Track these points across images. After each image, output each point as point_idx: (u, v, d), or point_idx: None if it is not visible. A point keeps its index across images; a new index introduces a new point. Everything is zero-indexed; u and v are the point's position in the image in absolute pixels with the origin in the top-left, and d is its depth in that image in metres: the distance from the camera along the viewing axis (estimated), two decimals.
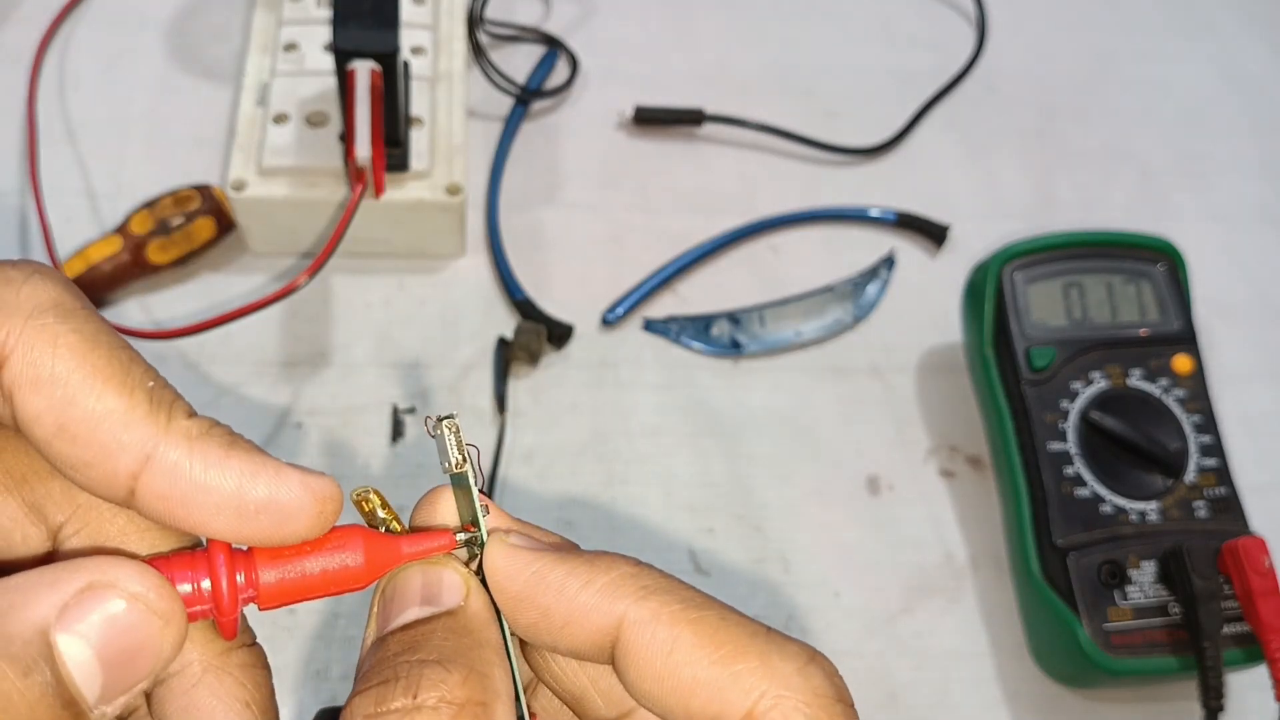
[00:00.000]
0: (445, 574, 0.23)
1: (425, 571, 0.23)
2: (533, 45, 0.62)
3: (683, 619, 0.21)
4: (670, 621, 0.21)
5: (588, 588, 0.22)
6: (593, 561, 0.22)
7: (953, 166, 0.60)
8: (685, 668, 0.21)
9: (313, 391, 0.50)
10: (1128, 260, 0.49)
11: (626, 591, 0.21)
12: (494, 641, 0.22)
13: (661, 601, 0.21)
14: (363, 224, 0.50)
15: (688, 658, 0.21)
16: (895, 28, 0.66)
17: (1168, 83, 0.65)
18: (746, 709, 0.20)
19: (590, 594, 0.22)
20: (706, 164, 0.59)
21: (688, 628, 0.21)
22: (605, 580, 0.22)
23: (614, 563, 0.22)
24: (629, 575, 0.22)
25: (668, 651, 0.21)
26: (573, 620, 0.22)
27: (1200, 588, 0.42)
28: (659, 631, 0.21)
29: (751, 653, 0.21)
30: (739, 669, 0.21)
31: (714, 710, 0.21)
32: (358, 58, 0.45)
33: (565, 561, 0.22)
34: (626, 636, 0.21)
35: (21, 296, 0.20)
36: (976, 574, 0.49)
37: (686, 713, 0.21)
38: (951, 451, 0.51)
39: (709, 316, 0.54)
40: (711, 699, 0.21)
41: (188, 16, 0.61)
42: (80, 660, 0.19)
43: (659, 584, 0.22)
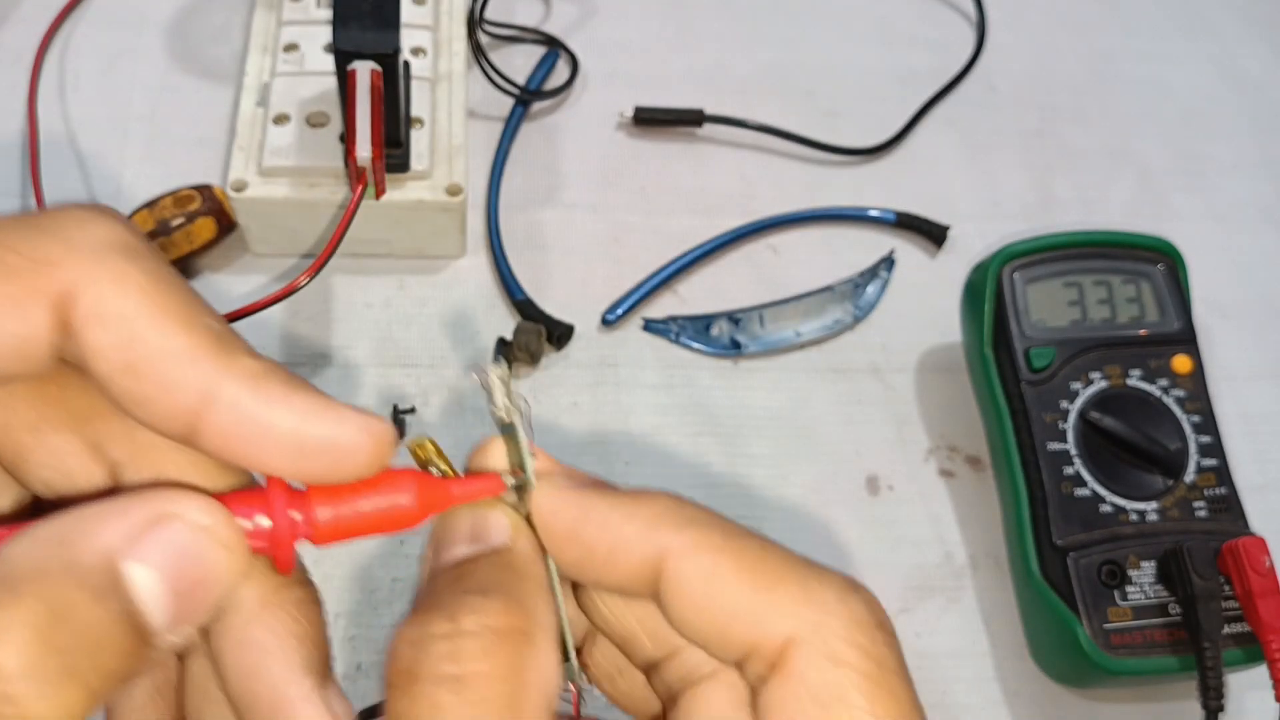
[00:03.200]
0: (493, 514, 0.23)
1: (474, 512, 0.23)
2: (533, 45, 0.62)
3: (724, 548, 0.21)
4: (711, 550, 0.21)
5: (630, 521, 0.22)
6: (635, 497, 0.23)
7: (952, 166, 0.60)
8: (725, 596, 0.21)
9: None
10: (1128, 260, 0.49)
11: (668, 523, 0.22)
12: (539, 578, 0.23)
13: (702, 532, 0.22)
14: (363, 224, 0.50)
15: (727, 586, 0.21)
16: (895, 28, 0.66)
17: (1168, 83, 0.65)
18: (786, 635, 0.21)
19: (633, 527, 0.22)
20: (706, 164, 0.59)
21: (728, 556, 0.21)
22: (648, 513, 0.22)
23: (655, 497, 0.23)
24: (671, 508, 0.22)
25: (708, 580, 0.21)
26: (616, 554, 0.22)
27: (1200, 588, 0.42)
28: (700, 560, 0.21)
29: (791, 580, 0.21)
30: (778, 595, 0.21)
31: (754, 637, 0.21)
32: (358, 58, 0.45)
33: (608, 497, 0.23)
34: (668, 567, 0.21)
35: (90, 236, 0.20)
36: (976, 574, 0.49)
37: (726, 641, 0.21)
38: (951, 451, 0.51)
39: (709, 316, 0.54)
40: (751, 626, 0.21)
41: (188, 16, 0.61)
42: (149, 587, 0.19)
43: (700, 516, 0.22)
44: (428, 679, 0.20)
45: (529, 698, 0.20)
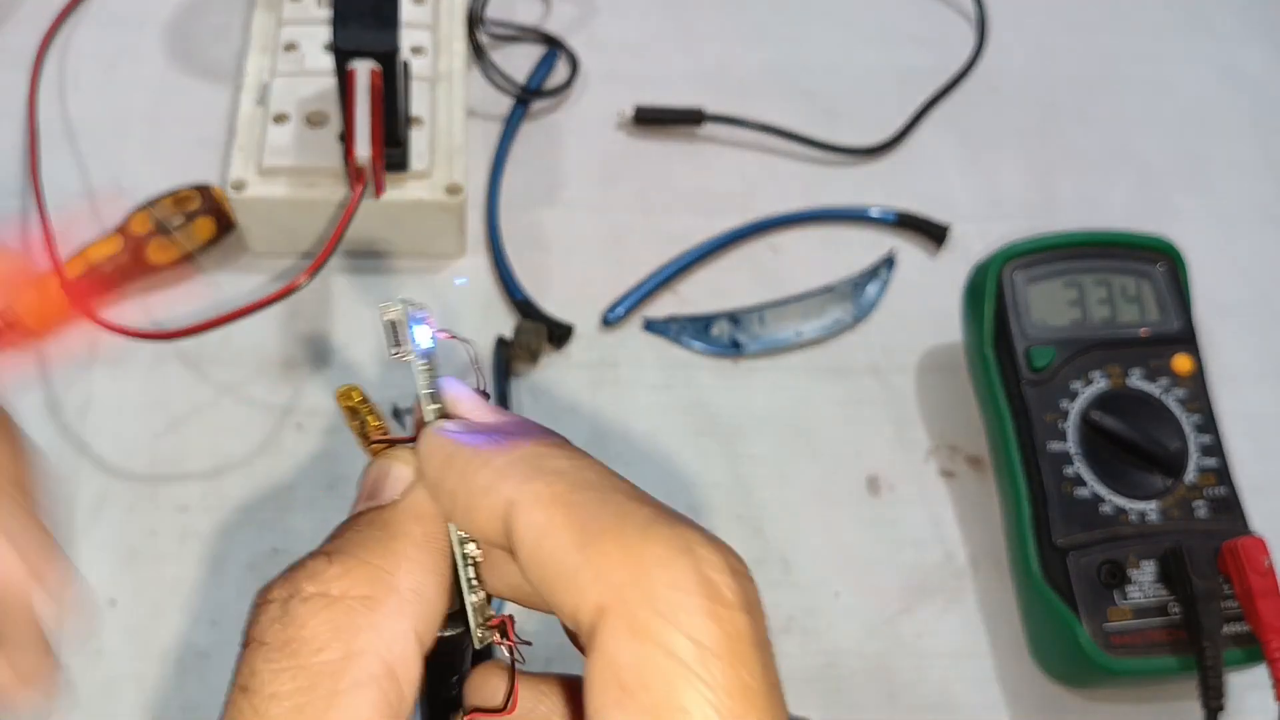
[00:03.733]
0: (392, 468, 0.23)
1: (379, 466, 0.23)
2: (533, 45, 0.62)
3: (560, 501, 0.19)
4: (548, 504, 0.19)
5: (484, 469, 0.20)
6: (500, 443, 0.21)
7: (953, 166, 0.60)
8: (552, 554, 0.19)
9: (313, 391, 0.50)
10: (1128, 260, 0.49)
11: (517, 472, 0.20)
12: (415, 537, 0.21)
13: (547, 482, 0.20)
14: (363, 224, 0.50)
15: (555, 543, 0.19)
16: (895, 27, 0.65)
17: (1168, 83, 0.65)
18: (596, 603, 0.18)
19: (484, 475, 0.20)
20: (706, 164, 0.59)
21: (562, 511, 0.19)
22: (501, 461, 0.20)
23: (520, 443, 0.21)
24: (528, 455, 0.20)
25: (538, 535, 0.19)
26: (471, 503, 0.21)
27: (1200, 588, 0.42)
28: (535, 514, 0.19)
29: (612, 536, 0.19)
30: (595, 554, 0.18)
31: (570, 603, 0.19)
32: (357, 57, 0.45)
33: (480, 443, 0.21)
34: (511, 521, 0.20)
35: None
36: (977, 574, 0.49)
37: (556, 605, 0.19)
38: (952, 451, 0.51)
39: (709, 316, 0.54)
40: (568, 590, 0.19)
41: (188, 16, 0.61)
42: None
43: (557, 465, 0.20)
44: (256, 644, 0.19)
45: (357, 665, 0.19)
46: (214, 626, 0.45)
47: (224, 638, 0.44)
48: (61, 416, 0.48)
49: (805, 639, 0.46)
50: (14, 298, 0.47)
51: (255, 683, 0.19)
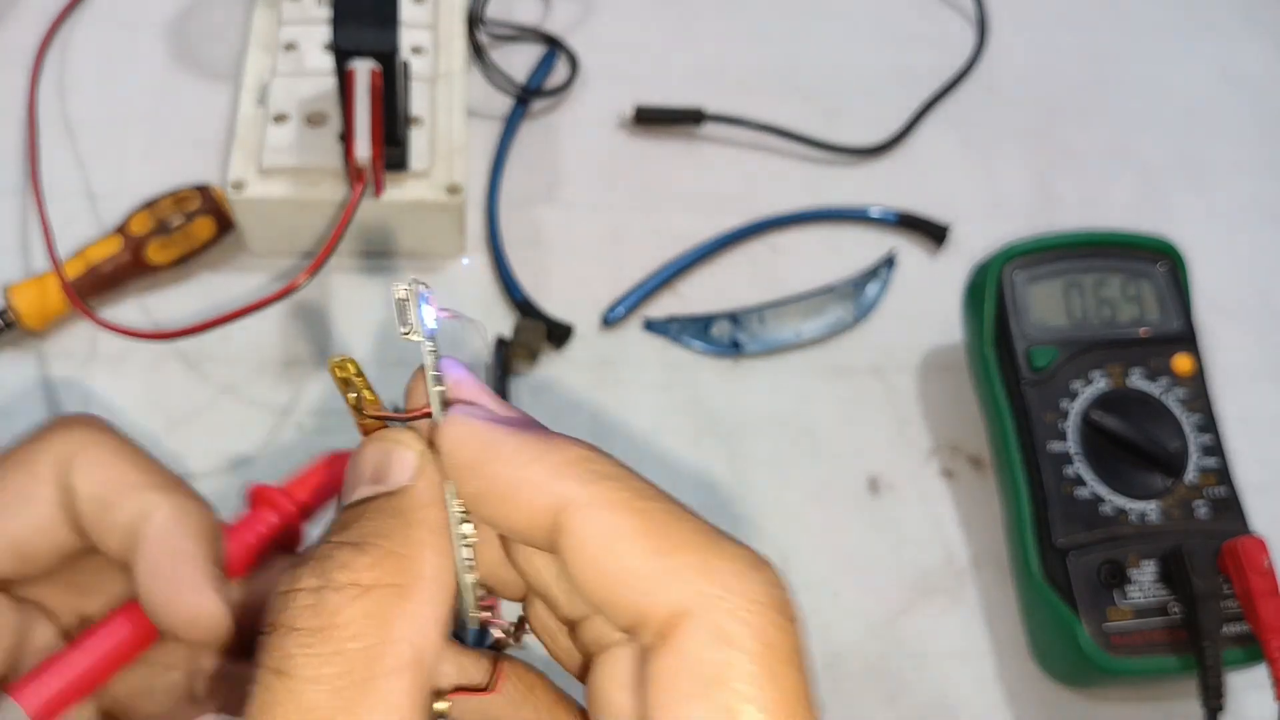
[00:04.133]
0: (397, 452, 0.23)
1: (380, 449, 0.23)
2: (533, 45, 0.62)
3: (629, 507, 0.21)
4: (614, 508, 0.21)
5: (536, 464, 0.21)
6: (548, 440, 0.22)
7: (953, 166, 0.60)
8: (622, 557, 0.20)
9: (313, 391, 0.50)
10: (1128, 260, 0.49)
11: (575, 473, 0.21)
12: (431, 523, 0.22)
13: (610, 487, 0.21)
14: (362, 224, 0.50)
15: (625, 547, 0.20)
16: (895, 27, 0.65)
17: (1168, 83, 0.65)
18: (677, 606, 0.20)
19: (537, 470, 0.21)
20: (706, 164, 0.59)
21: (631, 516, 0.20)
22: (556, 459, 0.21)
23: (569, 444, 0.22)
24: (582, 458, 0.21)
25: (606, 538, 0.20)
26: (517, 495, 0.21)
27: (1200, 588, 0.42)
28: (601, 517, 0.20)
29: (691, 549, 0.20)
30: (675, 564, 0.20)
31: (645, 604, 0.20)
32: (357, 57, 0.45)
33: (519, 435, 0.22)
34: (568, 520, 0.21)
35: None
36: (977, 574, 0.49)
37: (618, 605, 0.20)
38: (952, 451, 0.51)
39: (709, 316, 0.54)
40: (643, 592, 0.20)
41: (188, 16, 0.61)
42: None
43: (611, 471, 0.21)
44: (287, 629, 0.20)
45: (391, 653, 0.20)
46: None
47: None
48: None
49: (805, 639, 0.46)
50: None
51: (291, 666, 0.19)
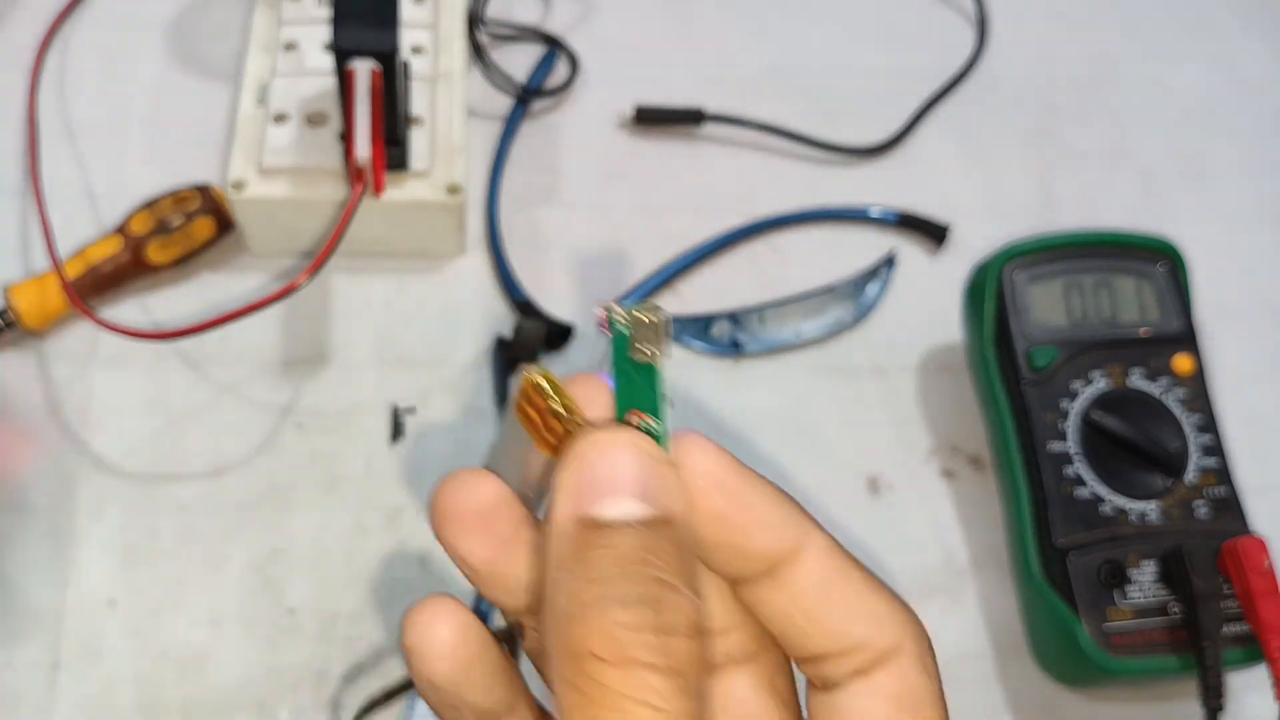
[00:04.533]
0: (659, 470, 0.20)
1: (642, 460, 0.20)
2: (533, 45, 0.62)
3: (842, 553, 0.23)
4: (839, 553, 0.23)
5: (780, 505, 0.22)
6: (764, 483, 0.23)
7: (953, 166, 0.60)
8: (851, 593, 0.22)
9: (313, 391, 0.50)
10: (1128, 260, 0.49)
11: (803, 523, 0.23)
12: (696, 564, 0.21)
13: (825, 536, 0.23)
14: (362, 224, 0.50)
15: (854, 585, 0.22)
16: (896, 27, 0.65)
17: (1168, 83, 0.65)
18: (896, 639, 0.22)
19: (782, 511, 0.22)
20: (706, 164, 0.59)
21: (847, 561, 0.23)
22: (792, 504, 0.23)
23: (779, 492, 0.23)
24: (796, 509, 0.23)
25: (840, 576, 0.22)
26: (767, 523, 0.22)
27: (1200, 588, 0.42)
28: (835, 557, 0.22)
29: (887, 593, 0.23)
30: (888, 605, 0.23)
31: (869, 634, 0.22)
32: (357, 57, 0.45)
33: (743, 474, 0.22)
34: (807, 557, 0.22)
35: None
36: (977, 574, 0.49)
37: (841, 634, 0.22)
38: (952, 451, 0.51)
39: (709, 316, 0.54)
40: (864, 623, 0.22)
41: (188, 16, 0.61)
42: None
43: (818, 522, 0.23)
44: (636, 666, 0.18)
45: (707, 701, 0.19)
46: (214, 626, 0.45)
47: (224, 638, 0.44)
48: (61, 416, 0.48)
49: None
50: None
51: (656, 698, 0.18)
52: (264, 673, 0.44)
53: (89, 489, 0.47)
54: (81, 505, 0.47)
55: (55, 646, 0.44)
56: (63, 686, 0.43)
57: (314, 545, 0.46)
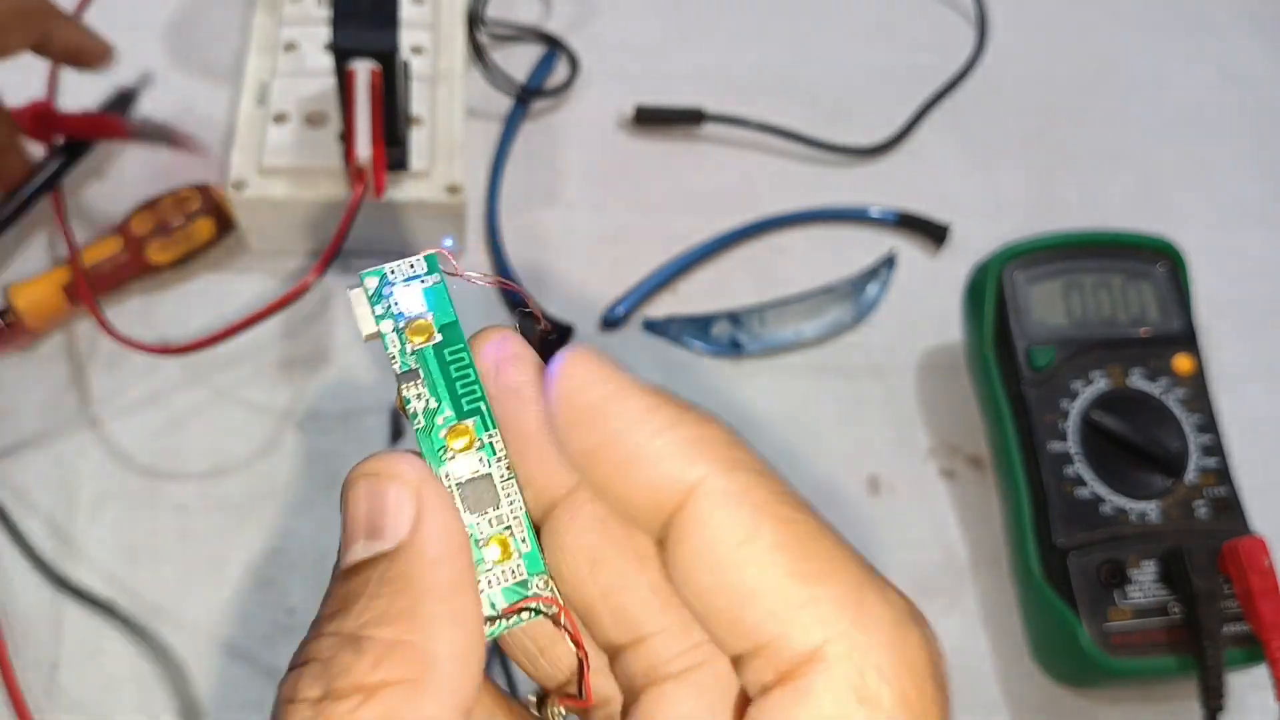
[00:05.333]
0: (391, 492, 0.19)
1: (369, 487, 0.20)
2: (533, 45, 0.62)
3: (770, 511, 0.17)
4: (754, 508, 0.17)
5: (669, 432, 0.18)
6: (683, 409, 0.18)
7: (953, 166, 0.60)
8: (755, 568, 0.17)
9: (313, 392, 0.50)
10: (1128, 260, 0.49)
11: (714, 456, 0.18)
12: (442, 588, 0.18)
13: (752, 481, 0.18)
14: (362, 223, 0.49)
15: (763, 558, 0.17)
16: (895, 28, 0.65)
17: (1168, 83, 0.65)
18: (813, 645, 0.16)
19: (669, 440, 0.18)
20: (706, 164, 0.59)
21: (775, 523, 0.17)
22: (693, 433, 0.18)
23: (708, 421, 0.18)
24: (722, 440, 0.18)
25: (739, 541, 0.17)
26: (638, 462, 0.18)
27: (1200, 588, 0.42)
28: (739, 513, 0.17)
29: (840, 580, 0.17)
30: (820, 593, 0.17)
31: (771, 629, 0.17)
32: (357, 57, 0.45)
33: (653, 395, 0.18)
34: (696, 508, 0.17)
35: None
36: (977, 574, 0.49)
37: (734, 621, 0.17)
38: (952, 452, 0.51)
39: (709, 316, 0.54)
40: (775, 614, 0.17)
41: (188, 16, 0.61)
42: None
43: (755, 464, 0.18)
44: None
45: None
46: (214, 626, 0.45)
47: (224, 638, 0.44)
48: (61, 416, 0.48)
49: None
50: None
51: None
52: (264, 673, 0.44)
53: (89, 488, 0.47)
54: (81, 505, 0.47)
55: (55, 646, 0.44)
56: (63, 686, 0.43)
57: (314, 545, 0.46)
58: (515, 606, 0.20)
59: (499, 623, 0.20)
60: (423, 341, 0.21)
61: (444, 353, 0.21)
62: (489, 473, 0.21)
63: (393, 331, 0.21)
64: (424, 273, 0.22)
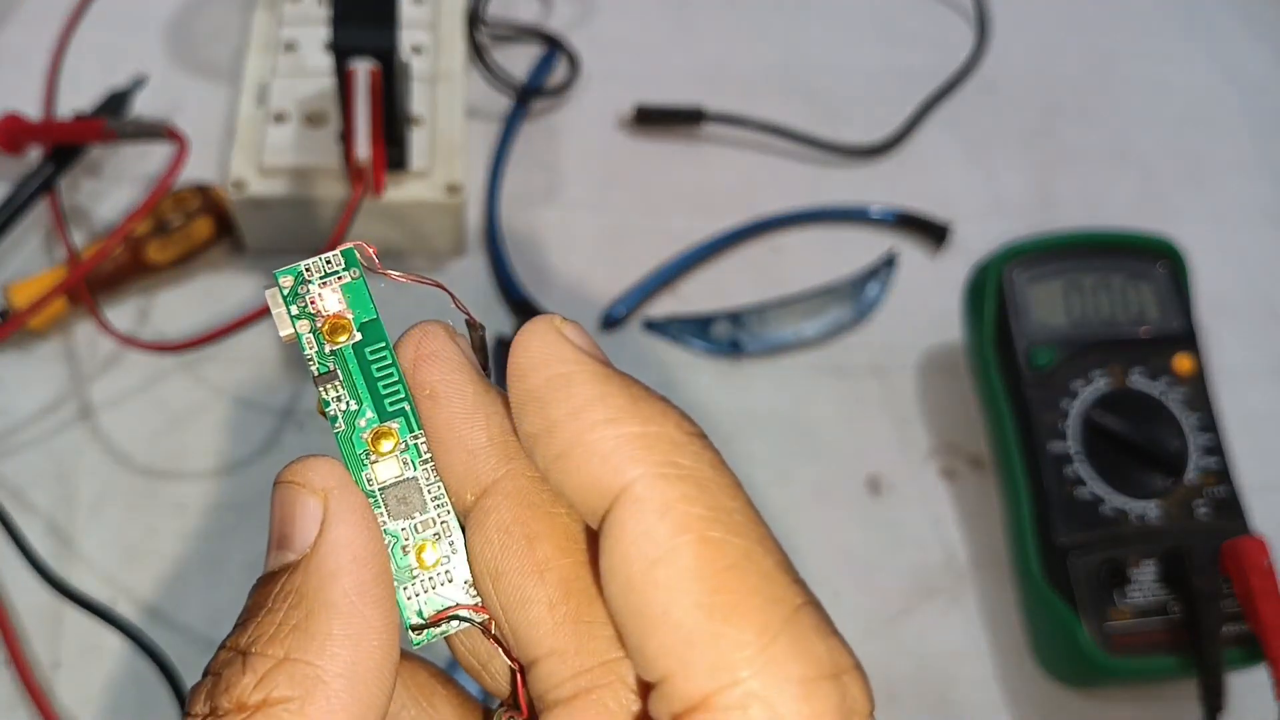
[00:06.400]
0: (298, 501, 0.19)
1: (282, 496, 0.19)
2: (533, 45, 0.62)
3: (698, 532, 0.16)
4: (679, 525, 0.16)
5: (609, 426, 0.16)
6: (637, 400, 0.17)
7: (953, 166, 0.60)
8: (664, 592, 0.15)
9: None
10: (1128, 260, 0.49)
11: (651, 459, 0.16)
12: (335, 601, 0.18)
13: (684, 494, 0.16)
14: (362, 223, 0.49)
15: (674, 581, 0.15)
16: (895, 27, 0.65)
17: (1168, 83, 0.65)
18: (707, 689, 0.15)
19: (607, 435, 0.16)
20: (707, 163, 0.59)
21: (698, 545, 0.16)
22: (636, 430, 0.16)
23: (662, 416, 0.17)
24: (667, 441, 0.16)
25: (654, 560, 0.15)
26: (572, 455, 0.17)
27: (1200, 588, 0.42)
28: (658, 529, 0.16)
29: (755, 620, 0.15)
30: (726, 631, 0.15)
31: (667, 665, 0.15)
32: (357, 56, 0.45)
33: (608, 381, 0.17)
34: (619, 516, 0.16)
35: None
36: (977, 574, 0.49)
37: (637, 648, 0.16)
38: (952, 451, 0.51)
39: (709, 316, 0.54)
40: (671, 650, 0.15)
41: (188, 16, 0.61)
42: None
43: (698, 472, 0.16)
44: None
45: None
46: (214, 626, 0.44)
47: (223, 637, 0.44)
48: (61, 416, 0.48)
49: None
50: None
51: None
52: None
53: (89, 488, 0.47)
54: (81, 505, 0.47)
55: (55, 646, 0.44)
56: (63, 686, 0.43)
57: None
58: (442, 614, 0.20)
59: (426, 631, 0.20)
60: (342, 341, 0.21)
61: (364, 352, 0.21)
62: (414, 476, 0.20)
63: (310, 332, 0.21)
64: (342, 268, 0.21)
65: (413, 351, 0.20)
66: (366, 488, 0.20)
